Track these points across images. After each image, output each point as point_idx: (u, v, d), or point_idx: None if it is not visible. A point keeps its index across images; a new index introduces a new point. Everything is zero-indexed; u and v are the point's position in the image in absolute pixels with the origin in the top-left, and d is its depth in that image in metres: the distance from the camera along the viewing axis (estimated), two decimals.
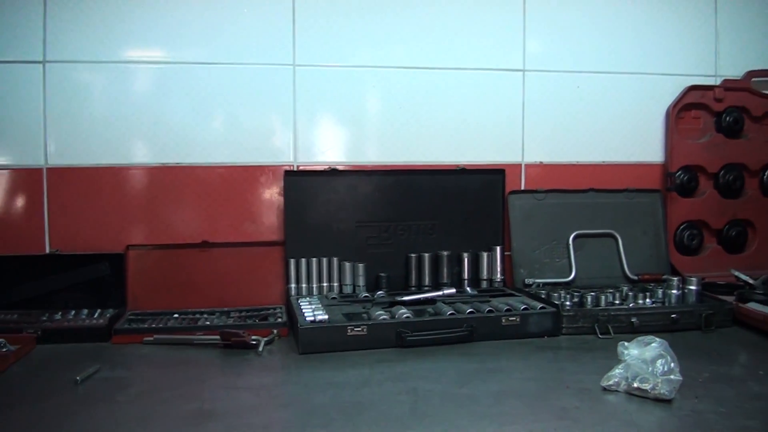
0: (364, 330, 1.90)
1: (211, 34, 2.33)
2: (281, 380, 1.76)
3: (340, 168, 2.40)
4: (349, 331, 1.89)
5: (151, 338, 1.99)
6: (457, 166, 2.47)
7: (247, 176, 2.37)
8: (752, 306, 2.15)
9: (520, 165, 2.54)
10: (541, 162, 2.56)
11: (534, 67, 2.53)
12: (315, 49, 2.39)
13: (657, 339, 1.61)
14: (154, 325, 2.07)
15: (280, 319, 2.12)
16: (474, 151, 2.50)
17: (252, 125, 2.37)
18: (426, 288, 2.36)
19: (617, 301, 2.23)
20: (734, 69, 2.71)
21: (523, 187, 2.54)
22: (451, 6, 2.47)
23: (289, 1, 2.36)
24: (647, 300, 2.24)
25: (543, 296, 2.22)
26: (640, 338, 1.63)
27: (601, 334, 2.02)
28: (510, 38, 2.51)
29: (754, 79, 2.70)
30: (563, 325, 2.04)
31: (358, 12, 2.42)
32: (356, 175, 2.40)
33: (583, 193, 2.55)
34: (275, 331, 2.01)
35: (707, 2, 2.69)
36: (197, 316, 2.19)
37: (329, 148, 2.43)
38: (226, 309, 2.25)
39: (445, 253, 2.40)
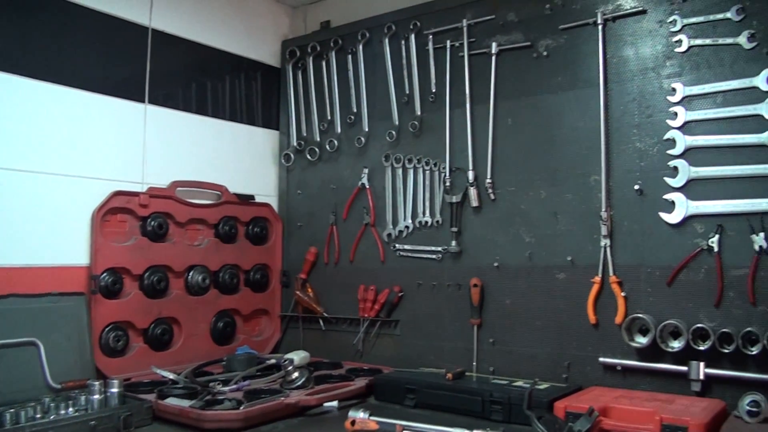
0: None
1: None
2: None
3: None
4: None
5: None
6: None
7: None
8: (170, 401, 2.25)
9: None
10: None
11: None
12: None
13: None
14: None
15: None
16: None
17: None
18: None
19: (39, 415, 2.06)
20: (160, 178, 2.94)
21: None
22: None
23: None
24: (70, 409, 2.13)
25: None
26: None
27: None
28: None
29: (178, 189, 2.98)
30: None
31: None
32: None
33: (2, 299, 2.33)
34: None
35: (137, 114, 2.87)
36: None
37: None
38: None
39: None
